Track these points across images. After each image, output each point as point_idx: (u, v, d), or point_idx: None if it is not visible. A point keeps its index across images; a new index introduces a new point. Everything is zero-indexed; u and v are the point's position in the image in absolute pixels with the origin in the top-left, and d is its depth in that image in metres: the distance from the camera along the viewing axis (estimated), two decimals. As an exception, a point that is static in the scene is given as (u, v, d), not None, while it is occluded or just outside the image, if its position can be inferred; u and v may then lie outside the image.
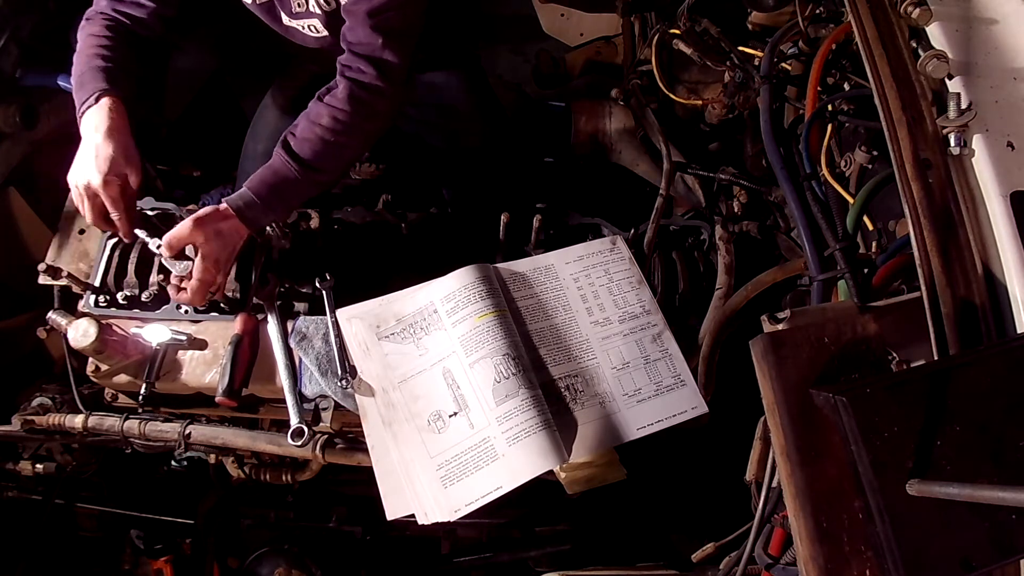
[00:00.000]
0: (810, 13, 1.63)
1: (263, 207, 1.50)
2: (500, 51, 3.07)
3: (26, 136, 1.97)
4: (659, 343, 1.53)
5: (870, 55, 1.23)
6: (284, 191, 1.51)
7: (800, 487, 0.97)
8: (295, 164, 1.49)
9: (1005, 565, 0.93)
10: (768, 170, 1.71)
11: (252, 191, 1.50)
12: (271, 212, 1.53)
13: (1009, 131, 1.14)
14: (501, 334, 1.44)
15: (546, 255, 1.62)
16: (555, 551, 2.06)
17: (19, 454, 1.89)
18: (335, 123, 1.49)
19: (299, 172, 1.50)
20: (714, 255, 1.69)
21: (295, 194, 1.54)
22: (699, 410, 1.47)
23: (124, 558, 2.14)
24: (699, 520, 1.82)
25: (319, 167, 1.52)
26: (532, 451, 1.34)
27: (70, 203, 1.82)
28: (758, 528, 1.20)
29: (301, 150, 1.50)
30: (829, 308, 1.14)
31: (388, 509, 1.40)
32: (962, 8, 1.27)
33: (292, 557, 2.04)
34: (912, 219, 1.09)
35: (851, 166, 1.47)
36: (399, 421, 1.43)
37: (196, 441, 1.61)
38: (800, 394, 1.00)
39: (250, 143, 2.06)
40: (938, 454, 0.89)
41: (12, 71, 1.91)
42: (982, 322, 1.04)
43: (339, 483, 2.04)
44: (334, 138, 1.50)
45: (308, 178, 1.51)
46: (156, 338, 1.57)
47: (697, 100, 2.04)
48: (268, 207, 1.51)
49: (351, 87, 1.50)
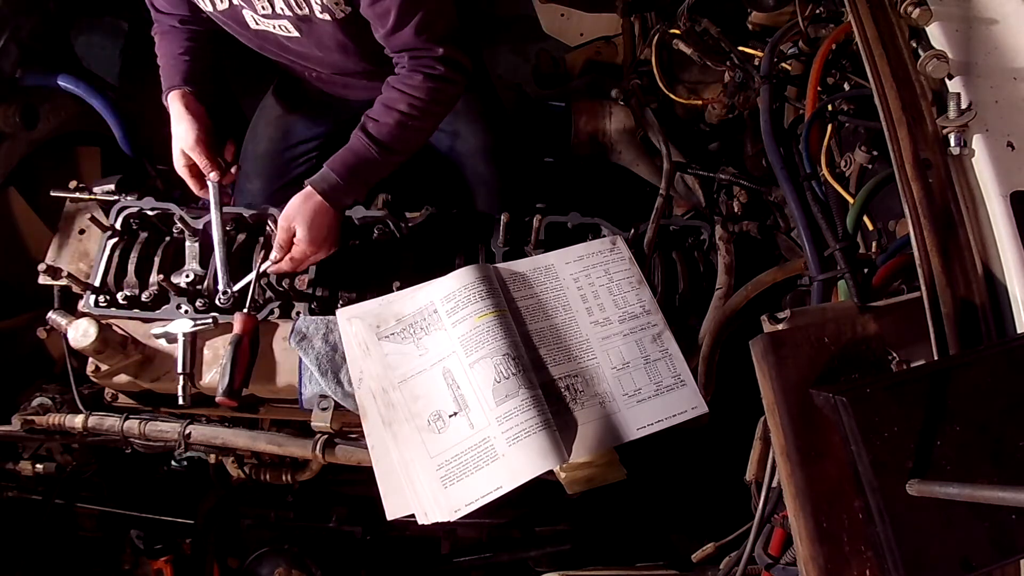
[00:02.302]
0: (810, 13, 1.63)
1: (345, 187, 1.60)
2: (500, 51, 3.07)
3: (26, 136, 1.97)
4: (659, 343, 1.53)
5: (870, 55, 1.23)
6: (363, 171, 1.62)
7: (800, 487, 0.97)
8: (375, 146, 1.60)
9: (1005, 565, 0.93)
10: (768, 170, 1.71)
11: (335, 172, 1.59)
12: (352, 191, 1.63)
13: (1009, 131, 1.14)
14: (501, 334, 1.44)
15: (546, 255, 1.62)
16: (555, 551, 2.05)
17: (19, 454, 1.89)
18: (411, 108, 1.61)
19: (378, 153, 1.61)
20: (714, 255, 1.69)
21: (374, 173, 1.65)
22: (699, 410, 1.47)
23: (124, 558, 2.14)
24: (699, 520, 1.82)
25: (396, 148, 1.63)
26: (532, 451, 1.34)
27: (70, 203, 1.83)
28: (758, 528, 1.20)
29: (380, 133, 1.61)
30: (829, 308, 1.14)
31: (388, 509, 1.40)
32: (962, 8, 1.27)
33: (292, 557, 2.04)
34: (912, 219, 1.09)
35: (851, 166, 1.47)
36: (399, 421, 1.43)
37: (196, 441, 1.61)
38: (800, 394, 1.00)
39: (250, 143, 2.06)
40: (938, 454, 0.89)
41: (12, 71, 1.91)
42: (982, 322, 1.04)
43: (339, 483, 2.04)
44: (410, 122, 1.62)
45: (386, 159, 1.62)
46: (181, 329, 1.58)
47: (697, 100, 2.04)
48: (349, 187, 1.61)
49: (426, 77, 1.62)
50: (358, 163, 1.60)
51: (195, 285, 1.67)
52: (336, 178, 1.59)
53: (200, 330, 1.59)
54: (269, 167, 2.02)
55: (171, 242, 1.74)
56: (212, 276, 1.67)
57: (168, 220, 1.76)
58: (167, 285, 1.64)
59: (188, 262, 1.71)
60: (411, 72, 1.62)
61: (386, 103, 1.62)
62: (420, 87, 1.61)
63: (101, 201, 1.78)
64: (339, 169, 1.59)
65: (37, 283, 1.69)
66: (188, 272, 1.69)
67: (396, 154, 1.64)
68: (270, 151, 2.03)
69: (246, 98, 2.39)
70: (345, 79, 1.86)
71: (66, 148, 2.16)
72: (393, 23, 1.55)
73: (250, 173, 2.04)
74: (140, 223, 1.74)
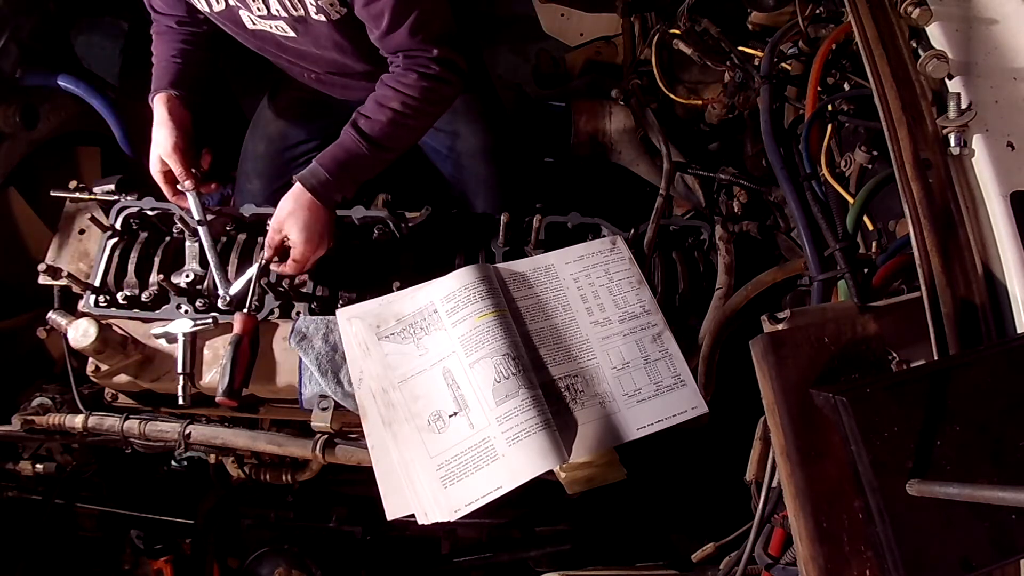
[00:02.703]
0: (810, 13, 1.63)
1: (335, 183, 1.59)
2: (500, 51, 3.07)
3: (26, 136, 1.97)
4: (659, 343, 1.53)
5: (870, 55, 1.23)
6: (353, 168, 1.60)
7: (800, 487, 0.97)
8: (365, 142, 1.59)
9: (1005, 565, 0.93)
10: (768, 170, 1.71)
11: (324, 168, 1.58)
12: (341, 188, 1.62)
13: (1009, 131, 1.14)
14: (501, 334, 1.44)
15: (546, 255, 1.62)
16: (555, 551, 2.05)
17: (19, 454, 1.89)
18: (404, 107, 1.60)
19: (368, 150, 1.59)
20: (714, 255, 1.69)
21: (364, 170, 1.64)
22: (699, 410, 1.47)
23: (124, 558, 2.14)
24: (699, 520, 1.82)
25: (387, 146, 1.62)
26: (532, 451, 1.34)
27: (70, 203, 1.83)
28: (758, 528, 1.20)
29: (371, 130, 1.59)
30: (829, 308, 1.14)
31: (388, 509, 1.40)
32: (962, 8, 1.27)
33: (292, 557, 2.04)
34: (912, 219, 1.09)
35: (851, 166, 1.47)
36: (399, 421, 1.43)
37: (196, 441, 1.61)
38: (800, 394, 1.00)
39: (250, 143, 2.06)
40: (938, 454, 0.89)
41: (12, 71, 1.91)
42: (982, 322, 1.04)
43: (339, 483, 2.04)
44: (403, 120, 1.61)
45: (376, 156, 1.61)
46: (181, 329, 1.58)
47: (697, 100, 2.04)
48: (339, 183, 1.60)
49: (420, 76, 1.60)
50: (348, 159, 1.59)
51: (195, 285, 1.67)
52: (325, 174, 1.57)
53: (200, 330, 1.59)
54: (269, 167, 2.02)
55: (171, 242, 1.74)
56: (212, 276, 1.67)
57: (168, 220, 1.76)
58: (167, 285, 1.64)
59: (188, 262, 1.71)
60: (405, 71, 1.61)
61: (379, 100, 1.61)
62: (414, 86, 1.60)
63: (101, 201, 1.78)
64: (329, 165, 1.58)
65: (37, 283, 1.69)
66: (188, 272, 1.69)
67: (387, 151, 1.62)
68: (269, 151, 2.03)
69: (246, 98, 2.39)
70: (344, 80, 1.86)
71: (66, 148, 2.16)
72: (387, 24, 1.54)
73: (250, 173, 2.04)
74: (140, 223, 1.74)
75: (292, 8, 1.58)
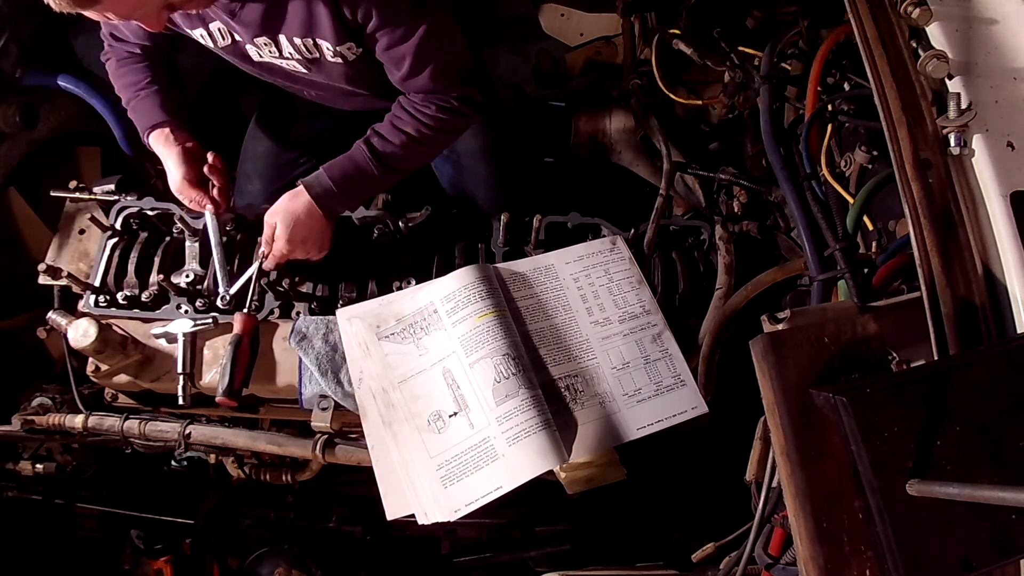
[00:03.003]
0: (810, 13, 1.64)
1: (339, 195, 1.58)
2: (500, 51, 3.07)
3: (26, 136, 1.97)
4: (659, 343, 1.53)
5: (870, 55, 1.22)
6: (359, 184, 1.61)
7: (800, 487, 0.97)
8: (376, 162, 1.59)
9: (1005, 565, 0.93)
10: (768, 170, 1.71)
11: (331, 178, 1.57)
12: (344, 202, 1.62)
13: (1009, 131, 1.14)
14: (501, 334, 1.44)
15: (546, 255, 1.62)
16: (555, 551, 2.06)
17: (19, 454, 1.89)
18: (419, 134, 1.60)
19: (378, 170, 1.59)
20: (714, 255, 1.69)
21: (369, 188, 1.66)
22: (699, 410, 1.47)
23: (124, 558, 2.14)
24: (699, 520, 1.82)
25: (397, 168, 1.62)
26: (532, 451, 1.34)
27: (70, 203, 1.83)
28: (758, 528, 1.20)
29: (384, 150, 1.59)
30: (829, 308, 1.14)
31: (388, 509, 1.40)
32: (962, 8, 1.26)
33: (292, 557, 2.04)
34: (912, 219, 1.09)
35: (851, 166, 1.47)
36: (399, 421, 1.43)
37: (196, 441, 1.61)
38: (800, 394, 1.00)
39: (250, 143, 2.06)
40: (938, 454, 0.89)
41: (12, 71, 1.91)
42: (982, 322, 1.04)
43: (339, 483, 2.04)
44: (416, 146, 1.61)
45: (384, 177, 1.61)
46: (181, 329, 1.58)
47: (697, 100, 2.04)
48: (343, 195, 1.59)
49: (439, 108, 1.60)
50: (356, 175, 1.59)
51: (195, 285, 1.67)
52: (331, 184, 1.57)
53: (200, 330, 1.59)
54: (269, 168, 2.02)
55: (171, 242, 1.74)
56: (212, 276, 1.67)
57: (168, 220, 1.76)
58: (167, 285, 1.64)
59: (188, 262, 1.71)
60: (425, 102, 1.60)
61: (395, 123, 1.61)
62: (432, 116, 1.60)
63: (101, 201, 1.78)
64: (336, 176, 1.57)
65: (37, 283, 1.69)
66: (188, 272, 1.69)
67: (396, 173, 1.63)
68: (270, 152, 2.03)
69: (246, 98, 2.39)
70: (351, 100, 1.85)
71: (66, 148, 2.15)
72: (408, 69, 1.54)
73: (250, 174, 2.04)
74: (140, 223, 1.74)
75: (307, 52, 1.55)
